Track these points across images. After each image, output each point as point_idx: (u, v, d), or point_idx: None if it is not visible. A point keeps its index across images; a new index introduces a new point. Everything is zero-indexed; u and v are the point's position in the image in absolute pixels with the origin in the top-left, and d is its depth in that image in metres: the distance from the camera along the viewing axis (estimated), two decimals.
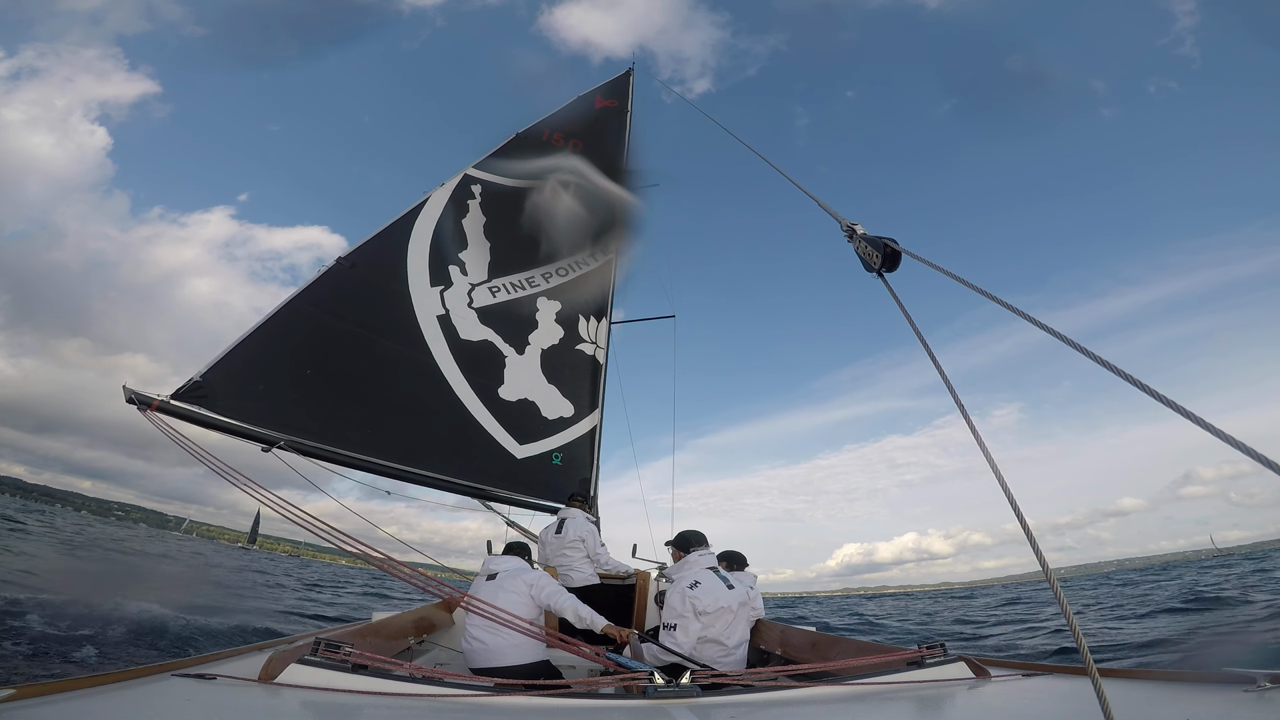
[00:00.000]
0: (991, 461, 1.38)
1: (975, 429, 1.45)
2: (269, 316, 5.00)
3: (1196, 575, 23.31)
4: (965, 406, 1.53)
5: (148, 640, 6.75)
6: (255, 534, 62.08)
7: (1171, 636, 7.87)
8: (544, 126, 8.24)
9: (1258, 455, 1.03)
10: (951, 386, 1.58)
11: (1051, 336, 1.38)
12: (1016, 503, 1.32)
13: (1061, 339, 1.37)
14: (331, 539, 3.52)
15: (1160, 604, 12.23)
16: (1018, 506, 1.32)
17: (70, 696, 1.57)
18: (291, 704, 1.71)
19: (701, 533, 3.63)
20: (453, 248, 6.72)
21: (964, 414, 1.51)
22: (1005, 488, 1.34)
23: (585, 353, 7.29)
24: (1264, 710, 1.59)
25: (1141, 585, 21.19)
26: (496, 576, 3.51)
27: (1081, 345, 1.32)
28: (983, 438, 1.41)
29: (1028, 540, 1.29)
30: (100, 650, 5.94)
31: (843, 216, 2.14)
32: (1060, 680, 2.22)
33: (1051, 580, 1.26)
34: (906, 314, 1.74)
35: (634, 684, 2.17)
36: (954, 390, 1.57)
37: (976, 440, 1.42)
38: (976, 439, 1.42)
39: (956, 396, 1.57)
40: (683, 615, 3.16)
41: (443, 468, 5.58)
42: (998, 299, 1.58)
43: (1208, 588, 14.72)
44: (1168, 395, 1.15)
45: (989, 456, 1.39)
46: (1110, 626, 9.76)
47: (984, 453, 1.40)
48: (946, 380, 1.60)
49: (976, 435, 1.43)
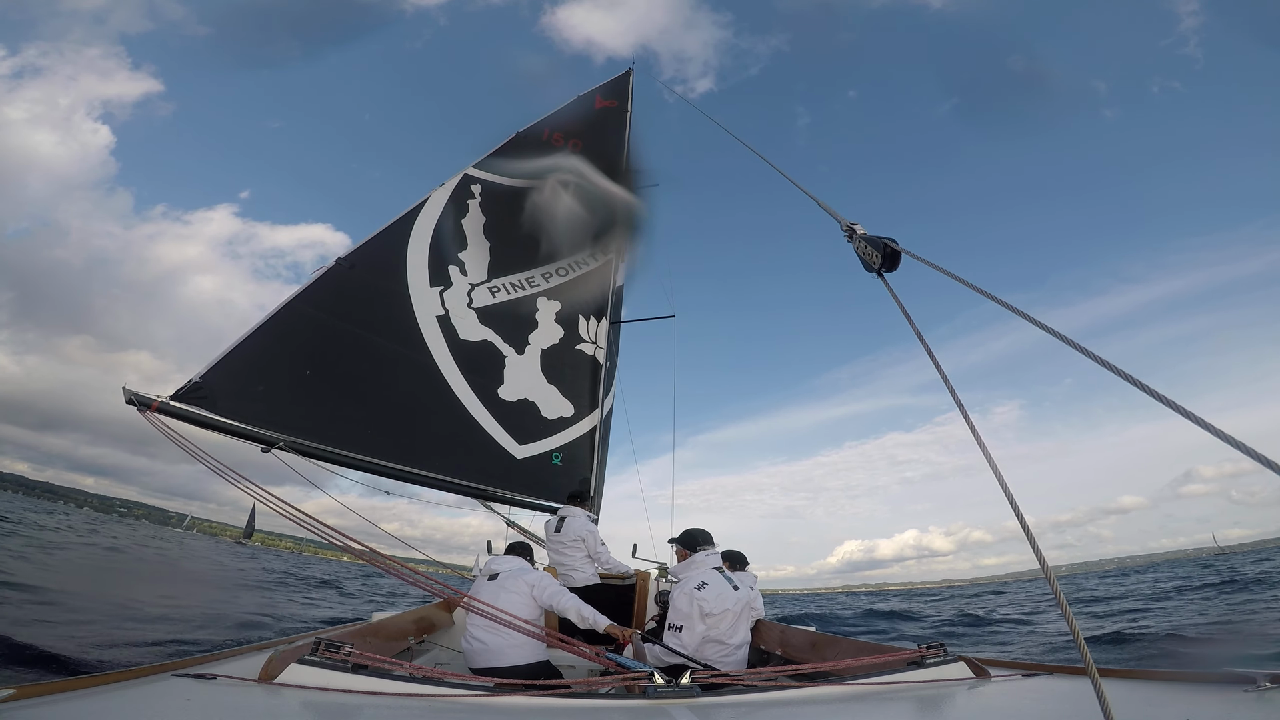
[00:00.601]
0: (991, 461, 1.38)
1: (975, 428, 1.45)
2: (268, 317, 5.00)
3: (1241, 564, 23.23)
4: (965, 405, 1.53)
5: (148, 640, 6.75)
6: (250, 529, 61.54)
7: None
8: (544, 126, 8.24)
9: (1258, 455, 1.03)
10: (951, 386, 1.58)
11: (1051, 335, 1.38)
12: (1016, 502, 1.32)
13: (1060, 338, 1.37)
14: (326, 536, 3.52)
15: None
16: (1017, 505, 1.32)
17: (70, 696, 1.57)
18: (291, 704, 1.71)
19: (708, 531, 3.62)
20: (452, 248, 6.71)
21: (964, 413, 1.51)
22: (1005, 487, 1.35)
23: (585, 353, 7.30)
24: (1264, 710, 1.59)
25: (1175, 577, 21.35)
26: (498, 576, 3.51)
27: (1080, 344, 1.33)
28: (982, 436, 1.41)
29: (1027, 539, 1.29)
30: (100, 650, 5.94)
31: (843, 216, 2.14)
32: (1060, 680, 2.22)
33: (1050, 579, 1.26)
34: (906, 314, 1.74)
35: (634, 684, 2.18)
36: (954, 390, 1.57)
37: (976, 440, 1.42)
38: (976, 439, 1.42)
39: (956, 396, 1.57)
40: (689, 616, 3.16)
41: (442, 468, 5.58)
42: (997, 299, 1.58)
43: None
44: (1167, 394, 1.15)
45: (988, 456, 1.39)
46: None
47: (984, 452, 1.40)
48: (946, 380, 1.60)
49: (976, 435, 1.43)
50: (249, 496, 3.72)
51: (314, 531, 3.53)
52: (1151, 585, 18.13)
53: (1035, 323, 1.41)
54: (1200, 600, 11.91)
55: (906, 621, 14.27)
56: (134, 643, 6.54)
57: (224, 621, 8.54)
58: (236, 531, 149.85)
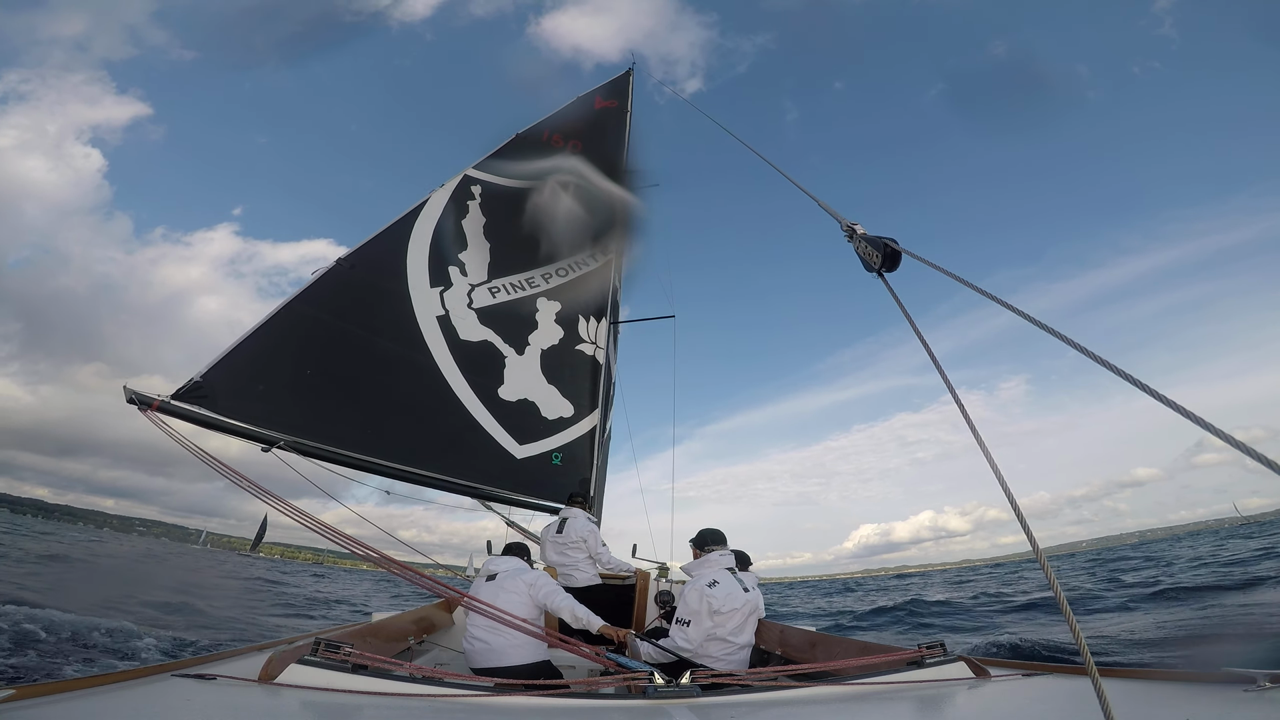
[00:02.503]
0: (983, 444, 1.39)
1: (968, 415, 1.45)
2: (269, 317, 5.00)
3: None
4: (960, 400, 1.53)
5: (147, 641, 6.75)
6: (259, 540, 60.01)
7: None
8: (544, 127, 8.25)
9: (1253, 450, 1.03)
10: (950, 384, 1.58)
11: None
12: (1007, 484, 1.33)
13: (1063, 338, 1.37)
14: (338, 540, 3.52)
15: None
16: (1008, 487, 1.32)
17: (70, 696, 1.57)
18: (291, 704, 1.71)
19: (721, 532, 3.65)
20: (452, 248, 6.72)
21: (960, 408, 1.51)
22: (996, 469, 1.35)
23: (585, 353, 7.30)
24: (1264, 710, 1.59)
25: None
26: (496, 577, 3.51)
27: (1064, 334, 1.33)
28: (976, 426, 1.41)
29: (1018, 521, 1.29)
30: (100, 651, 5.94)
31: (843, 216, 2.15)
32: (1060, 680, 2.22)
33: (1044, 564, 1.26)
34: (906, 314, 1.75)
35: (634, 684, 2.18)
36: (953, 390, 1.57)
37: (970, 426, 1.42)
38: (970, 426, 1.43)
39: (954, 392, 1.57)
40: (697, 612, 3.19)
41: (442, 468, 5.58)
42: (997, 299, 1.58)
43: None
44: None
45: (979, 439, 1.39)
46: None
47: (975, 435, 1.40)
48: (947, 382, 1.60)
49: (970, 423, 1.43)
50: (265, 508, 3.71)
51: (326, 536, 3.52)
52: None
53: (1038, 324, 1.41)
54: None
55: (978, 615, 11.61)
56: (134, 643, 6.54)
57: (221, 621, 8.53)
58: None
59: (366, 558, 3.54)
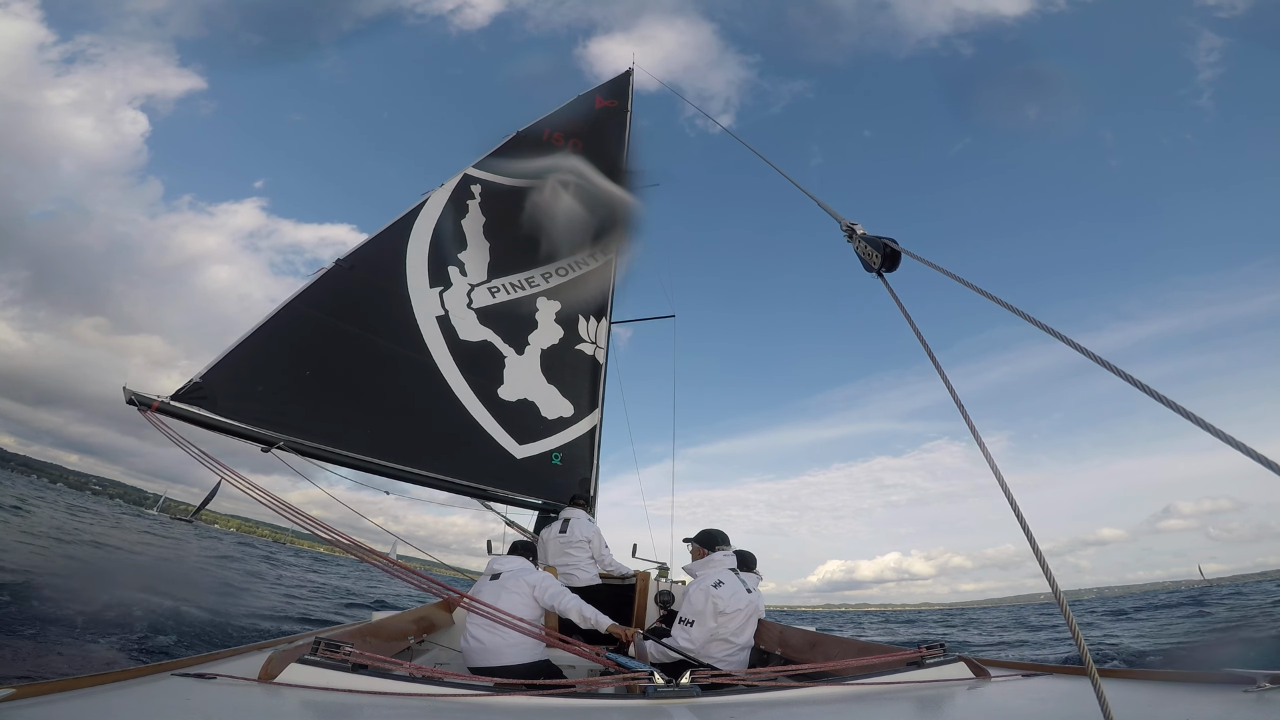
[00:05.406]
0: (1001, 479, 1.39)
1: (980, 436, 1.45)
2: (269, 318, 5.00)
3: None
4: (972, 420, 1.53)
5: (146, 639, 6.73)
6: (200, 509, 58.15)
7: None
8: (544, 126, 8.24)
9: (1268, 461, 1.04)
10: (953, 389, 1.58)
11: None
12: (1025, 519, 1.32)
13: (1072, 346, 1.37)
14: (311, 527, 3.54)
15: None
16: (1026, 522, 1.31)
17: (70, 696, 1.56)
18: (291, 704, 1.71)
19: (725, 533, 3.65)
20: (452, 248, 6.71)
21: (970, 425, 1.51)
22: (1014, 503, 1.35)
23: (585, 353, 7.30)
24: (1264, 710, 1.59)
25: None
26: (500, 576, 3.51)
27: (1111, 363, 1.33)
28: (990, 450, 1.41)
29: (1035, 556, 1.28)
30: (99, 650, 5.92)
31: (842, 216, 2.14)
32: (1060, 680, 2.22)
33: (1053, 582, 1.26)
34: (907, 315, 1.74)
35: (634, 684, 2.17)
36: (959, 399, 1.57)
37: (985, 455, 1.42)
38: (985, 453, 1.42)
39: (959, 400, 1.57)
40: (701, 612, 3.19)
41: (442, 467, 5.58)
42: (997, 298, 1.58)
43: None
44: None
45: (996, 469, 1.39)
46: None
47: (992, 467, 1.40)
48: (948, 384, 1.60)
49: (985, 449, 1.43)
50: (224, 481, 3.76)
51: (303, 525, 3.54)
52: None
53: (1043, 327, 1.41)
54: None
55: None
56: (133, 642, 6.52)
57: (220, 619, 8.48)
58: (212, 516, 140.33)
59: (336, 542, 3.55)
